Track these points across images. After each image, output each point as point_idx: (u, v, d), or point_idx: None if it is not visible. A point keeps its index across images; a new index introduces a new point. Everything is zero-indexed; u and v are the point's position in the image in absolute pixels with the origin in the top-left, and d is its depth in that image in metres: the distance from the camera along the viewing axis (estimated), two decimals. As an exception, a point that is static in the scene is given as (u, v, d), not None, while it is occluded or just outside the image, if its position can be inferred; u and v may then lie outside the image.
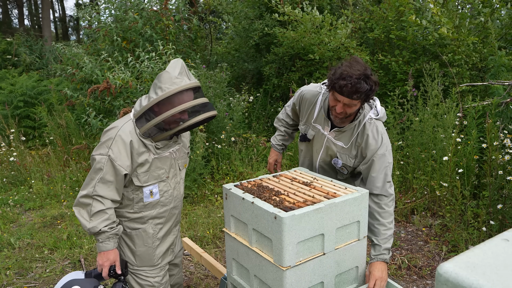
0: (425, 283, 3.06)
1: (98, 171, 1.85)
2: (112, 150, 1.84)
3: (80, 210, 1.88)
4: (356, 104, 1.93)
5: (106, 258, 1.90)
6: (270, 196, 1.71)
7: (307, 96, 2.25)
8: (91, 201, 1.86)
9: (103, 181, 1.85)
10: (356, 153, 2.09)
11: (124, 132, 1.87)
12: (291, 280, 1.54)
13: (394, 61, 5.08)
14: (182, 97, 1.83)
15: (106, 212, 1.87)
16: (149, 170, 1.95)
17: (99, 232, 1.86)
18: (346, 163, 2.12)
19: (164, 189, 2.04)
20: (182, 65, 1.87)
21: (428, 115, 4.25)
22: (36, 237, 4.06)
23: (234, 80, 7.48)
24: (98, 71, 5.58)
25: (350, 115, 1.99)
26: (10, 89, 7.77)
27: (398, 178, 4.29)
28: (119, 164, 1.85)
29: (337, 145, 2.11)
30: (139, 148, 1.89)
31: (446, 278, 0.82)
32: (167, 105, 1.82)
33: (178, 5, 6.55)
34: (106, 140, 1.87)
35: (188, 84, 1.83)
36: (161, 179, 2.01)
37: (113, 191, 1.88)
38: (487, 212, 3.41)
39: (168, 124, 1.89)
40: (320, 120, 2.17)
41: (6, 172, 5.90)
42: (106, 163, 1.84)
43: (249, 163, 5.23)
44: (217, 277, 2.87)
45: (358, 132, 2.06)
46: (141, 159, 1.90)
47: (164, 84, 1.80)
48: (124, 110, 5.08)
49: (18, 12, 22.86)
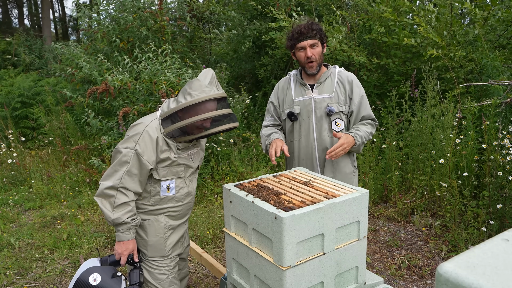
0: (425, 283, 3.06)
1: (124, 164, 1.93)
2: (139, 145, 1.94)
3: (103, 200, 1.96)
4: (317, 43, 2.32)
5: (126, 247, 2.01)
6: (270, 196, 1.71)
7: (281, 83, 2.53)
8: (115, 193, 1.94)
9: (129, 174, 1.94)
10: (344, 98, 2.37)
11: (151, 128, 1.97)
12: (291, 280, 1.54)
13: (391, 62, 5.08)
14: (209, 105, 1.94)
15: (129, 204, 1.97)
16: (169, 166, 2.04)
17: (122, 223, 1.96)
18: (339, 110, 2.35)
19: (180, 186, 2.13)
20: (212, 75, 2.00)
21: (426, 115, 4.25)
22: (36, 237, 4.06)
23: (233, 80, 7.47)
24: (96, 72, 5.58)
25: (318, 58, 2.33)
26: (8, 90, 7.76)
27: (398, 178, 4.30)
28: (145, 159, 1.95)
29: (324, 98, 2.37)
30: (162, 145, 2.00)
31: (446, 278, 0.82)
32: (193, 111, 1.93)
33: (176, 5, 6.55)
34: (133, 135, 1.97)
35: (216, 94, 1.94)
36: (178, 176, 2.11)
37: (137, 183, 1.98)
38: (487, 212, 3.41)
39: (191, 129, 2.01)
40: (299, 91, 2.43)
41: (6, 172, 5.90)
42: (133, 156, 1.93)
43: (249, 163, 5.23)
44: (217, 277, 2.87)
45: (336, 80, 2.38)
46: (163, 155, 2.00)
47: (194, 91, 1.91)
48: (123, 110, 5.08)
49: (18, 12, 22.86)
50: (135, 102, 5.45)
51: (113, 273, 1.99)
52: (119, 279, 1.99)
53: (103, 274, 1.96)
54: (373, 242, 3.71)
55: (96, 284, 1.92)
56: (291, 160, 2.51)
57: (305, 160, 2.43)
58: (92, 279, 1.92)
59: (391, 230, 3.92)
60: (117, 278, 1.99)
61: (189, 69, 5.53)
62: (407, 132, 4.54)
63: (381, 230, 3.91)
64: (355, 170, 2.50)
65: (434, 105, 4.32)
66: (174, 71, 5.20)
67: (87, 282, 1.91)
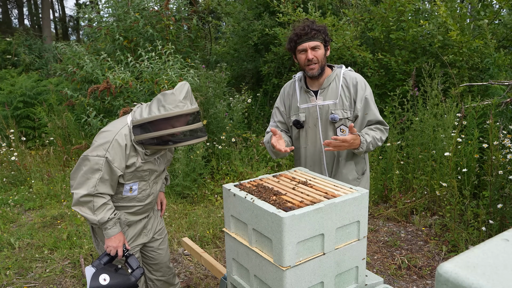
0: (425, 283, 3.06)
1: (97, 171, 1.99)
2: (109, 153, 2.00)
3: (81, 208, 2.03)
4: (319, 45, 2.21)
5: (118, 239, 2.11)
6: (270, 196, 1.71)
7: (287, 88, 2.45)
8: (92, 198, 2.01)
9: (102, 181, 2.00)
10: (349, 102, 2.26)
11: (120, 136, 2.03)
12: (291, 280, 1.54)
13: (394, 61, 5.08)
14: (181, 119, 2.00)
15: (108, 203, 2.06)
16: (134, 172, 2.12)
17: (108, 221, 2.05)
18: (343, 117, 2.26)
19: (143, 188, 2.20)
20: (188, 90, 2.04)
21: (428, 115, 4.25)
22: (36, 237, 4.06)
23: (233, 80, 7.47)
24: (98, 70, 5.58)
25: (321, 60, 2.23)
26: (9, 89, 7.76)
27: (398, 178, 4.29)
28: (116, 166, 2.01)
29: (328, 105, 2.27)
30: (130, 152, 2.07)
31: (446, 278, 0.82)
32: (165, 123, 1.99)
33: (179, 5, 6.55)
34: (103, 143, 2.02)
35: (189, 109, 2.00)
36: (142, 179, 2.18)
37: (109, 187, 2.06)
38: (487, 212, 3.41)
39: (161, 140, 2.05)
40: (304, 98, 2.34)
41: (6, 172, 5.90)
42: (104, 164, 1.99)
43: (249, 163, 5.23)
44: (217, 277, 2.87)
45: (341, 84, 2.27)
46: (130, 161, 2.07)
47: (168, 105, 1.97)
48: (124, 109, 5.08)
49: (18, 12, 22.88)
50: (136, 101, 5.45)
51: (115, 268, 2.11)
52: (123, 270, 2.13)
53: (109, 272, 2.05)
54: (373, 242, 3.71)
55: (107, 283, 2.01)
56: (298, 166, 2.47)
57: (313, 167, 2.38)
58: (102, 280, 2.01)
59: (391, 230, 3.92)
60: (121, 269, 2.13)
61: (191, 69, 5.53)
62: (408, 131, 4.54)
63: (381, 230, 3.91)
64: (359, 177, 2.39)
65: (436, 104, 4.32)
66: (176, 71, 5.21)
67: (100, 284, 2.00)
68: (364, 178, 2.40)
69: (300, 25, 2.23)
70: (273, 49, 6.33)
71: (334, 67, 2.35)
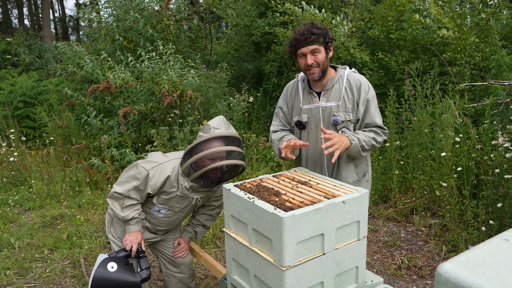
0: (425, 283, 3.06)
1: (136, 180, 2.21)
2: (153, 171, 2.21)
3: (113, 201, 2.27)
4: (320, 49, 2.17)
5: (135, 237, 2.29)
6: (270, 196, 1.71)
7: (289, 88, 2.44)
8: (123, 198, 2.24)
9: (136, 189, 2.23)
10: (352, 105, 2.24)
11: (169, 165, 2.25)
12: (291, 280, 1.54)
13: (394, 61, 5.08)
14: (217, 142, 2.14)
15: (136, 205, 2.27)
16: (168, 200, 2.31)
17: (131, 219, 2.26)
18: (346, 119, 2.23)
19: (168, 215, 2.39)
20: (223, 120, 2.22)
21: (425, 114, 4.24)
22: (36, 237, 4.06)
23: (234, 80, 7.47)
24: (98, 70, 5.58)
25: (322, 64, 2.19)
26: (10, 89, 7.77)
27: (398, 177, 4.29)
28: (151, 184, 2.22)
29: (331, 107, 2.25)
30: (172, 183, 2.25)
31: (446, 278, 0.82)
32: (202, 147, 2.15)
33: (179, 5, 6.55)
34: (154, 161, 2.26)
35: (223, 132, 2.15)
36: (172, 209, 2.36)
37: (140, 196, 2.27)
38: (487, 212, 3.41)
39: (200, 164, 2.17)
40: (307, 99, 2.32)
41: (6, 172, 5.90)
42: (144, 177, 2.21)
43: (249, 163, 5.23)
44: (217, 277, 2.86)
45: (345, 86, 2.24)
46: (169, 190, 2.27)
47: (205, 133, 2.17)
48: (124, 109, 5.09)
49: (18, 12, 22.86)
50: (136, 102, 5.45)
51: (126, 262, 2.27)
52: (132, 266, 2.29)
53: (119, 263, 2.21)
54: (373, 242, 3.71)
55: (114, 270, 2.17)
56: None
57: (314, 168, 2.37)
58: (110, 267, 2.17)
59: (391, 230, 3.92)
60: (130, 265, 2.28)
61: (191, 69, 5.53)
62: (407, 131, 4.53)
63: (381, 230, 3.91)
64: (359, 179, 2.35)
65: (433, 104, 4.32)
66: (177, 71, 5.21)
67: (107, 270, 2.16)
68: (363, 181, 2.38)
69: (300, 30, 2.19)
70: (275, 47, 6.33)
71: (338, 68, 2.32)
